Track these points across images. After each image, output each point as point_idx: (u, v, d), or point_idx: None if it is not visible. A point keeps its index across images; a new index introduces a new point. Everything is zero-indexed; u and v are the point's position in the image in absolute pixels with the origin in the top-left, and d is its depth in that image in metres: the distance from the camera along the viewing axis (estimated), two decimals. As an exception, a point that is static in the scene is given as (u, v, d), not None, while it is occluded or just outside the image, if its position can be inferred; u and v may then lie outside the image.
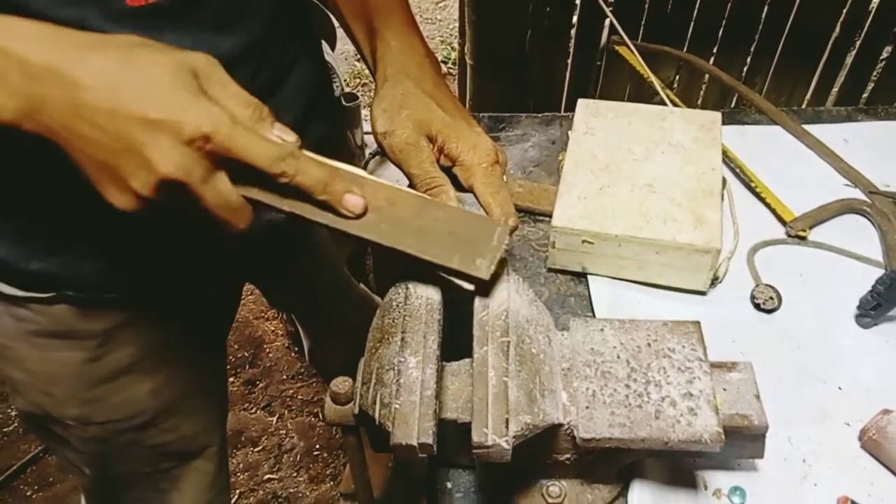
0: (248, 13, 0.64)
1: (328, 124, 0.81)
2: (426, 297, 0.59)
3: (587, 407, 0.56)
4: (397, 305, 0.59)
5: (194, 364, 0.87)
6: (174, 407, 0.85)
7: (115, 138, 0.45)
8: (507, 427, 0.51)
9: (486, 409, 0.52)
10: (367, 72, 2.99)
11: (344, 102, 1.63)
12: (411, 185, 0.62)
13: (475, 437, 0.50)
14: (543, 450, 0.60)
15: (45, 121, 0.46)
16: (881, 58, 1.79)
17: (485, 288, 0.57)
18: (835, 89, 1.83)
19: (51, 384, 0.77)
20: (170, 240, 0.70)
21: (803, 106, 1.82)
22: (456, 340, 0.58)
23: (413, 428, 0.50)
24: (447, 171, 0.62)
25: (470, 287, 0.57)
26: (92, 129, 0.45)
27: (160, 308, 0.78)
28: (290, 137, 0.50)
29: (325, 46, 1.73)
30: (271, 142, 0.49)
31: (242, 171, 0.48)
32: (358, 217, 0.54)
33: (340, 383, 0.58)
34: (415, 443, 0.50)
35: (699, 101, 1.85)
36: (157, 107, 0.45)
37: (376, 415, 0.52)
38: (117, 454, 0.86)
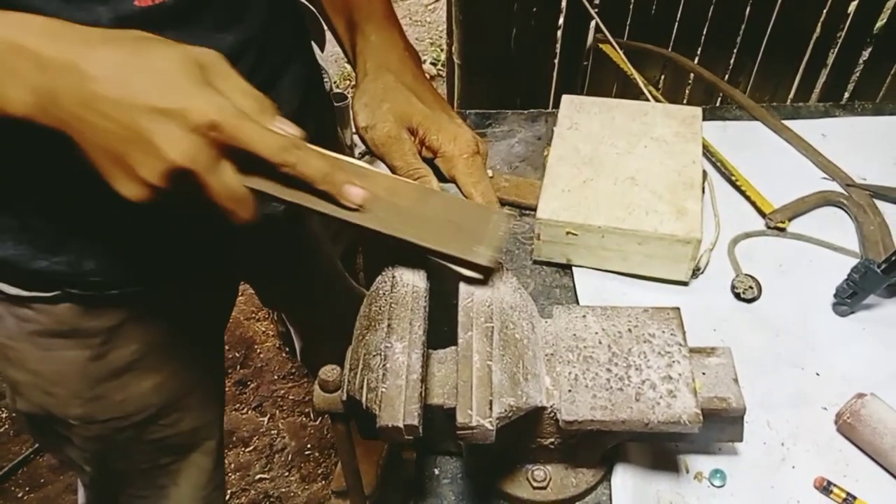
0: (247, 13, 0.65)
1: (320, 123, 0.82)
2: (412, 284, 0.60)
3: (570, 390, 0.58)
4: (384, 293, 0.60)
5: (195, 360, 0.88)
6: (175, 403, 0.86)
7: (125, 127, 0.46)
8: (490, 409, 0.52)
9: (470, 392, 0.53)
10: (356, 74, 3.00)
11: (333, 103, 1.64)
12: None
13: (460, 419, 0.52)
14: (528, 434, 0.61)
15: (58, 113, 0.47)
16: (861, 59, 1.82)
17: (484, 274, 0.58)
18: (817, 89, 1.86)
19: (54, 384, 0.78)
20: (172, 237, 0.71)
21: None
22: (442, 331, 0.60)
23: (399, 410, 0.51)
24: (429, 162, 0.64)
25: (470, 274, 0.58)
26: (102, 119, 0.46)
27: (162, 305, 0.78)
28: (293, 130, 0.52)
29: (315, 48, 1.75)
30: (275, 132, 0.50)
31: (246, 162, 0.49)
32: (358, 207, 0.55)
33: (329, 371, 0.59)
34: (401, 424, 0.51)
35: (684, 100, 1.87)
36: (166, 96, 0.46)
37: (363, 399, 0.54)
38: (118, 451, 0.86)
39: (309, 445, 1.76)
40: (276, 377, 1.90)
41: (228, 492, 1.67)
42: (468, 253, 0.56)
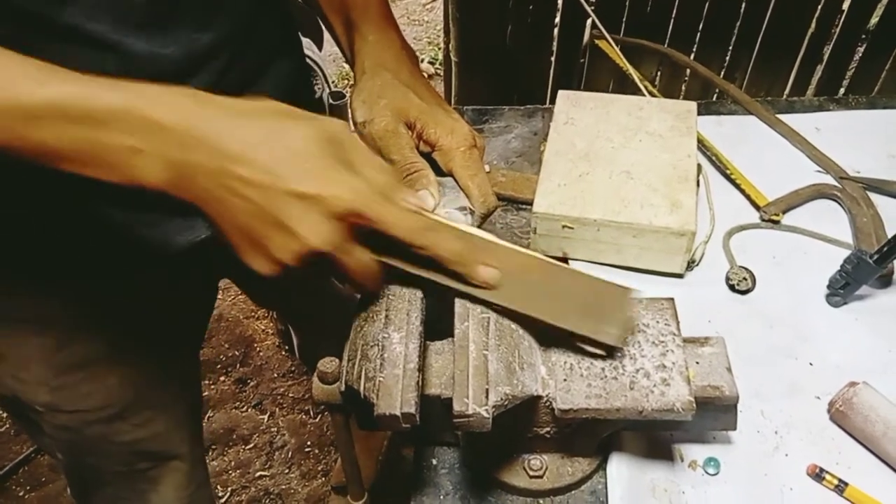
0: (224, 12, 0.65)
1: None
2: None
3: (565, 379, 0.58)
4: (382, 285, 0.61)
5: (166, 359, 0.87)
6: (143, 401, 0.86)
7: (263, 209, 0.47)
8: (486, 397, 0.53)
9: (466, 381, 0.54)
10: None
11: (332, 101, 1.65)
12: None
13: (456, 407, 0.52)
14: (524, 424, 0.62)
15: (195, 190, 0.47)
16: (856, 55, 1.83)
17: (608, 352, 0.58)
18: (812, 85, 1.87)
19: (21, 368, 0.78)
20: (138, 236, 0.70)
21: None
22: (440, 325, 0.61)
23: (396, 399, 0.52)
24: (427, 157, 0.64)
25: (599, 352, 0.58)
26: (242, 202, 0.47)
27: (132, 299, 0.78)
28: (430, 202, 0.54)
29: (313, 47, 1.75)
30: (412, 213, 0.51)
31: (379, 238, 0.50)
32: (491, 287, 0.55)
33: (327, 363, 0.60)
34: (398, 413, 0.52)
35: (681, 96, 1.88)
36: (305, 180, 0.46)
37: (361, 388, 0.54)
38: (88, 445, 0.87)
39: (309, 442, 1.77)
40: (275, 375, 1.91)
41: (229, 489, 1.68)
42: (598, 333, 0.56)
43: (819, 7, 1.69)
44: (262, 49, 0.72)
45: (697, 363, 0.62)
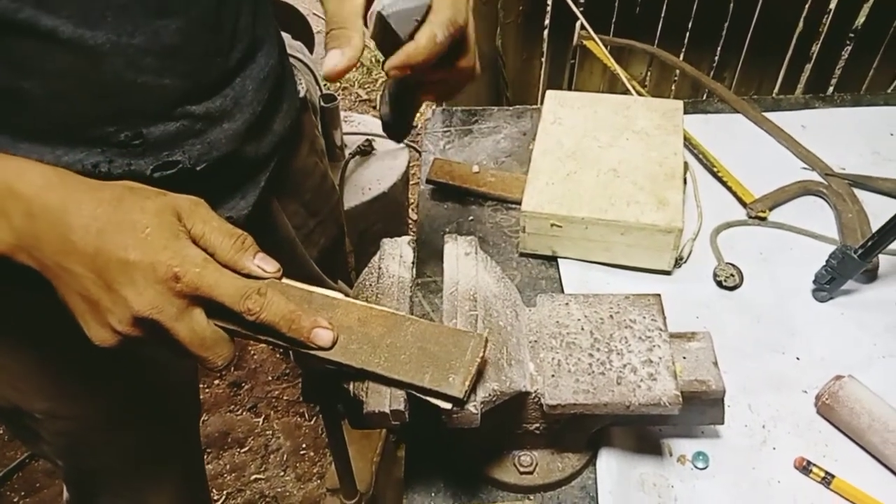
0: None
1: (291, 119, 0.82)
2: (398, 275, 0.62)
3: (553, 375, 0.59)
4: (370, 284, 0.62)
5: (164, 362, 0.87)
6: (142, 407, 0.86)
7: (97, 276, 0.49)
8: (475, 393, 0.53)
9: (454, 377, 0.54)
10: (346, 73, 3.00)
11: (323, 103, 1.65)
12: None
13: (445, 403, 0.53)
14: (514, 420, 0.63)
15: (39, 256, 0.50)
16: (843, 54, 1.84)
17: (458, 405, 0.53)
18: (801, 84, 1.89)
19: (19, 378, 0.78)
20: None
21: (771, 99, 1.87)
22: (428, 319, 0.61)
23: (385, 396, 0.53)
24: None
25: (446, 405, 0.52)
26: (78, 267, 0.49)
27: None
28: (270, 267, 0.53)
29: (304, 50, 1.75)
30: (237, 280, 0.51)
31: (218, 308, 0.51)
32: (325, 349, 0.54)
33: (318, 362, 0.60)
34: (387, 410, 0.52)
35: (671, 96, 1.89)
36: (135, 250, 0.49)
37: (351, 387, 0.55)
38: (88, 450, 0.87)
39: (304, 445, 1.77)
40: (270, 378, 1.91)
41: (224, 493, 1.68)
42: (441, 384, 0.52)
43: (806, 7, 1.70)
44: (240, 43, 0.70)
45: (684, 358, 0.63)
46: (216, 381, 1.90)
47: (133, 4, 0.58)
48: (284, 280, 0.54)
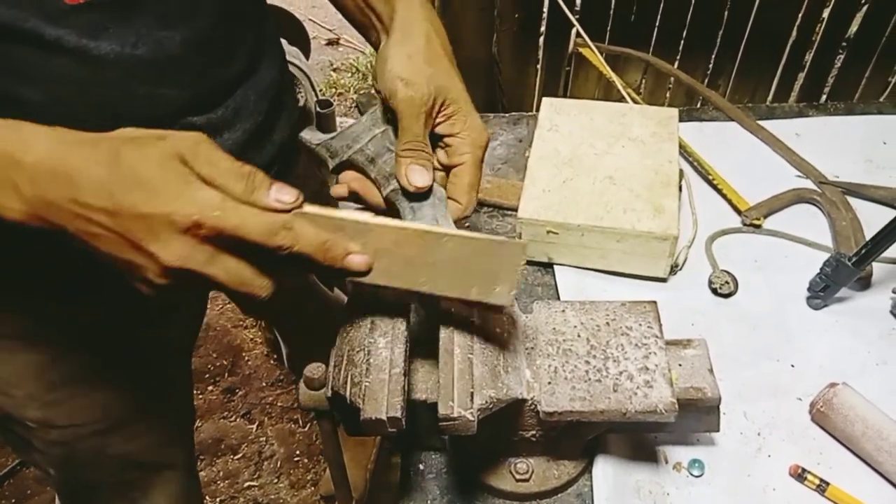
0: (193, 10, 0.63)
1: (291, 128, 0.82)
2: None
3: (549, 382, 0.59)
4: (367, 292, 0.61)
5: (157, 372, 0.87)
6: (136, 413, 0.86)
7: (122, 236, 0.47)
8: (471, 400, 0.53)
9: (451, 384, 0.54)
10: (342, 81, 3.00)
11: (319, 109, 1.65)
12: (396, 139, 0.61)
13: (441, 410, 0.53)
14: (510, 427, 0.62)
15: (55, 220, 0.48)
16: (836, 62, 1.86)
17: (498, 312, 0.57)
18: (794, 92, 1.90)
19: (11, 385, 0.77)
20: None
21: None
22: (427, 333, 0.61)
23: (382, 403, 0.53)
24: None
25: (496, 312, 0.57)
26: (98, 228, 0.48)
27: (119, 313, 0.77)
28: (289, 197, 0.50)
29: (300, 56, 1.76)
30: (263, 215, 0.49)
31: (246, 245, 0.49)
32: (365, 273, 0.53)
33: (314, 369, 0.60)
34: (384, 417, 0.52)
35: (665, 103, 1.90)
36: (148, 202, 0.47)
37: (347, 394, 0.55)
38: (82, 459, 0.86)
39: (298, 452, 1.76)
40: (264, 384, 1.90)
41: (217, 500, 1.67)
42: (488, 295, 0.53)
43: (799, 15, 1.72)
44: (240, 53, 0.70)
45: (680, 365, 0.63)
46: (210, 388, 1.89)
47: (137, 16, 0.58)
48: (307, 207, 0.52)
